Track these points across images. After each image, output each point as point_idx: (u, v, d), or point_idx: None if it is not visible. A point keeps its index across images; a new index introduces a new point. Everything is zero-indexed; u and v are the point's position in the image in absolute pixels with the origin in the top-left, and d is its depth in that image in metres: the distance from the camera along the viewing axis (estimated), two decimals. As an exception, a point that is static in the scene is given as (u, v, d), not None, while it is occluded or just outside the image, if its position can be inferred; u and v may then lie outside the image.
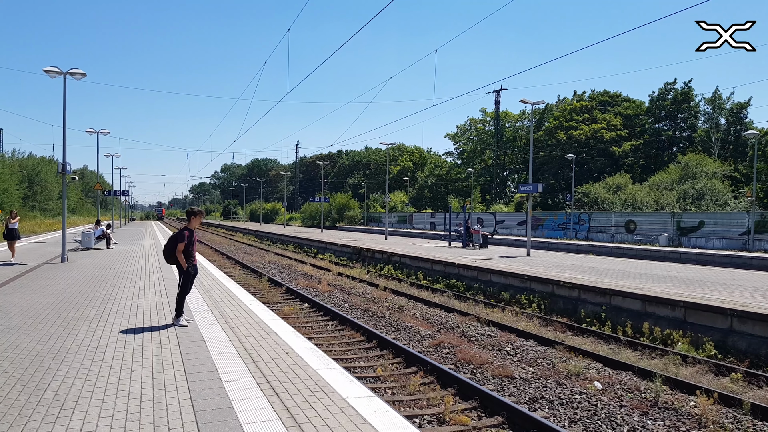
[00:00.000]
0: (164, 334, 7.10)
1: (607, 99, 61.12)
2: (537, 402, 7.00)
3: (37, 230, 39.83)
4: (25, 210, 54.00)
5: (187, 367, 5.60)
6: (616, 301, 11.87)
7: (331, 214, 71.42)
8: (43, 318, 8.05)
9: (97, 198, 42.51)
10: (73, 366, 5.62)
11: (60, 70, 15.85)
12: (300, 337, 7.18)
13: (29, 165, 61.17)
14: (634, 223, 35.28)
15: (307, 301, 13.81)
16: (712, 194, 37.48)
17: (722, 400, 6.95)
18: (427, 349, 9.59)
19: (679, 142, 57.09)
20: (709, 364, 8.58)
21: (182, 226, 8.13)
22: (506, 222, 46.47)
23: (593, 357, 8.99)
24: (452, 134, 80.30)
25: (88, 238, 21.75)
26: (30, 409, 4.41)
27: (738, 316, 9.53)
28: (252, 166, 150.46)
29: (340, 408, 4.52)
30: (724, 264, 22.09)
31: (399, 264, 21.91)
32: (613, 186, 44.66)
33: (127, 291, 10.77)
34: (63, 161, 16.57)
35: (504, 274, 15.60)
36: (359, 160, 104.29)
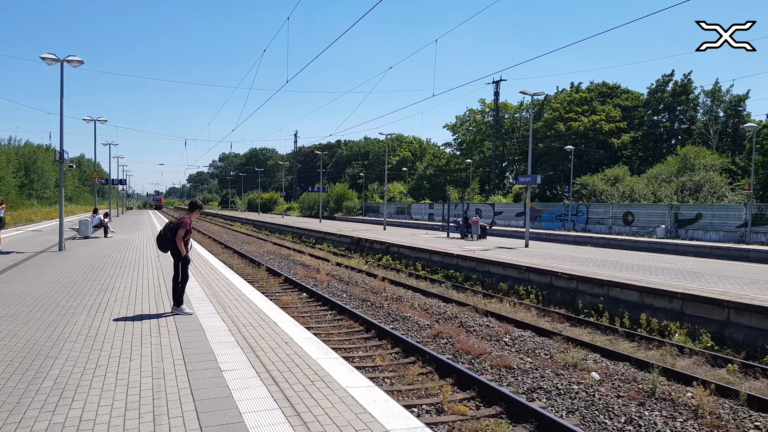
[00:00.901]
0: (163, 323, 7.10)
1: (606, 90, 60.99)
2: (535, 392, 7.03)
3: (33, 219, 39.73)
4: (21, 198, 53.82)
5: (187, 356, 5.60)
6: (613, 292, 11.90)
7: (329, 204, 71.35)
8: (41, 307, 8.03)
9: (95, 187, 42.31)
10: (72, 354, 5.61)
11: (57, 58, 15.71)
12: (299, 327, 7.18)
13: (26, 153, 60.89)
14: (632, 215, 35.34)
15: (306, 291, 13.82)
16: (710, 187, 37.54)
17: (719, 391, 6.99)
18: (425, 339, 9.62)
19: (678, 134, 57.07)
20: (706, 356, 8.62)
21: (181, 215, 8.11)
22: (504, 213, 46.50)
23: (591, 348, 9.02)
24: (451, 125, 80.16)
25: (85, 227, 21.68)
26: (29, 397, 4.41)
27: (735, 308, 9.57)
28: (250, 156, 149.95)
29: (340, 397, 4.53)
30: (722, 256, 22.16)
31: (397, 254, 21.93)
32: (611, 178, 44.68)
33: (125, 280, 10.75)
34: (60, 149, 16.47)
35: (502, 265, 15.62)
36: (358, 150, 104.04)
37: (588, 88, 62.26)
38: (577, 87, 63.41)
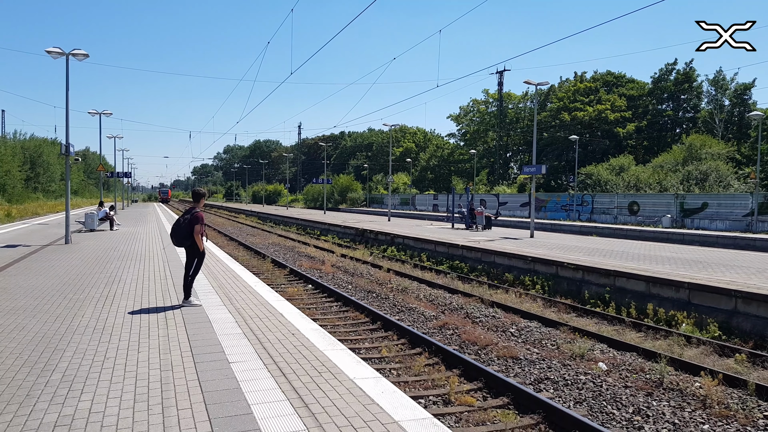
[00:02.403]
0: (170, 315, 7.12)
1: (611, 80, 60.46)
2: (542, 383, 7.02)
3: (39, 212, 39.88)
4: (27, 192, 54.01)
5: (194, 348, 5.61)
6: (620, 282, 11.86)
7: (333, 195, 71.36)
8: (48, 299, 8.07)
9: (100, 180, 42.42)
10: (80, 347, 5.63)
11: (62, 51, 15.67)
12: (305, 318, 7.19)
13: (31, 146, 60.92)
14: (638, 205, 35.15)
15: (311, 283, 13.84)
16: (717, 176, 37.27)
17: (727, 380, 6.96)
18: (431, 330, 9.62)
19: (682, 123, 56.60)
20: (714, 345, 8.59)
21: (187, 207, 8.12)
22: (509, 204, 46.36)
23: (597, 338, 9.00)
24: (455, 115, 79.75)
25: (91, 220, 21.75)
26: (38, 390, 4.43)
27: (742, 297, 9.52)
28: (254, 148, 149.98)
29: (348, 389, 4.53)
30: (728, 245, 22.04)
31: (402, 246, 21.91)
32: (616, 167, 44.41)
33: (131, 272, 10.78)
34: (66, 143, 16.49)
35: (508, 256, 15.59)
36: (362, 141, 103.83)
37: (593, 77, 61.72)
38: (581, 76, 62.89)
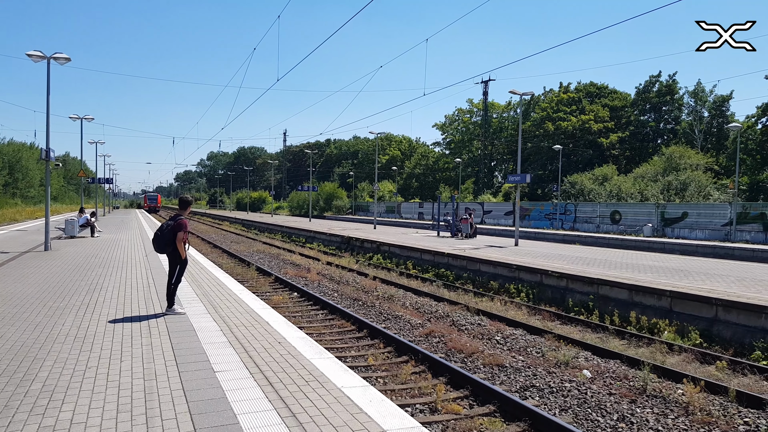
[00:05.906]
0: (153, 323, 7.01)
1: (594, 90, 61.47)
2: (528, 390, 7.05)
3: (18, 218, 39.08)
4: (5, 197, 52.91)
5: (178, 357, 5.53)
6: (603, 290, 11.99)
7: (318, 203, 71.14)
8: (27, 307, 7.89)
9: (81, 186, 41.77)
10: (60, 356, 5.51)
11: (44, 55, 15.46)
12: (291, 327, 7.13)
13: (10, 151, 59.71)
14: (620, 214, 35.68)
15: (297, 291, 13.74)
16: (696, 186, 38.03)
17: (708, 387, 7.06)
18: (417, 338, 9.61)
19: (664, 134, 57.72)
20: (695, 353, 8.72)
21: (172, 214, 8.03)
22: (494, 212, 46.73)
23: (582, 346, 9.08)
24: (440, 124, 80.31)
25: (71, 226, 21.38)
26: (17, 400, 4.32)
27: (723, 306, 9.69)
28: (239, 155, 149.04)
29: (336, 398, 4.49)
30: (707, 254, 22.45)
31: (388, 253, 21.91)
32: (599, 177, 45.07)
33: (113, 280, 10.61)
34: (47, 147, 16.21)
35: (493, 264, 15.67)
36: (347, 149, 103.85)
37: (576, 88, 62.70)
38: (566, 87, 63.84)
